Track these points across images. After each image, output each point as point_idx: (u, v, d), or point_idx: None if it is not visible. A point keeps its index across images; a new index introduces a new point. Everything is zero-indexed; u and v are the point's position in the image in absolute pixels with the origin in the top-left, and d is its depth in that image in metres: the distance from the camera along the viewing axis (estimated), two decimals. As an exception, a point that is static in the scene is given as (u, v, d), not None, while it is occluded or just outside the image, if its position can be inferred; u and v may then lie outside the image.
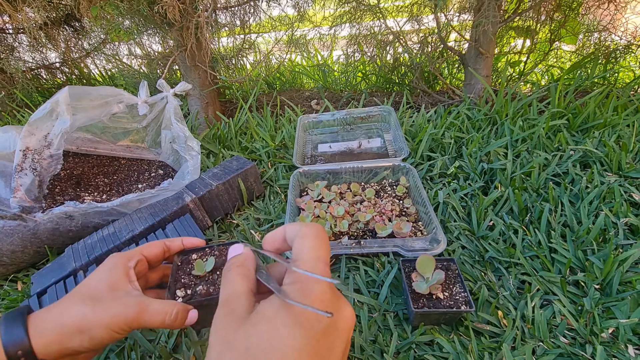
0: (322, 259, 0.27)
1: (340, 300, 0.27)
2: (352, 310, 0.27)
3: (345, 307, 0.26)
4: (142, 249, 0.40)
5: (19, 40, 1.40)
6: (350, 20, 1.23)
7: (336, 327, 0.25)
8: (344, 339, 0.25)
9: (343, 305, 0.26)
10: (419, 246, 0.62)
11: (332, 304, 0.25)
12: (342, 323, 0.25)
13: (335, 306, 0.25)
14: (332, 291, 0.26)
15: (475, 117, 1.02)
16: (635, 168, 0.76)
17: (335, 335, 0.24)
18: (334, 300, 0.26)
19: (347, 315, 0.26)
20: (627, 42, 1.15)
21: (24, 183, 0.74)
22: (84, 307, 0.33)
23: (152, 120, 0.95)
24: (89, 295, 0.34)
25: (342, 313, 0.26)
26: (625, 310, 0.51)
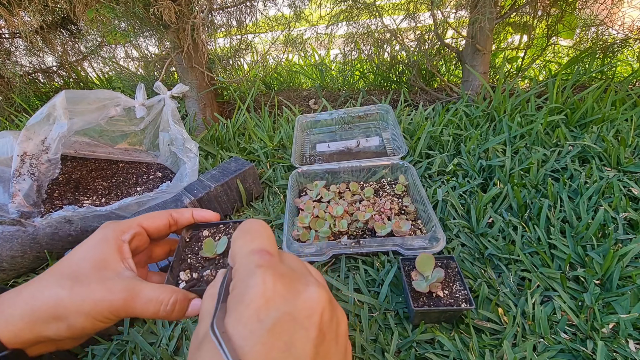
0: (255, 250, 0.23)
1: (297, 283, 0.22)
2: (317, 290, 0.21)
3: (305, 289, 0.21)
4: (141, 219, 0.33)
5: (16, 45, 1.40)
6: (347, 19, 1.23)
7: (293, 317, 0.20)
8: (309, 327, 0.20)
9: (302, 287, 0.21)
10: (419, 244, 0.62)
11: (280, 292, 0.20)
12: (302, 310, 0.20)
13: (288, 292, 0.21)
14: (279, 277, 0.21)
15: (473, 114, 1.02)
16: (634, 162, 0.76)
17: (293, 327, 0.20)
18: (286, 285, 0.21)
19: (307, 298, 0.21)
20: (624, 35, 1.14)
21: (22, 188, 0.74)
22: (60, 290, 0.27)
23: (150, 123, 0.95)
24: (68, 274, 0.28)
25: (302, 297, 0.21)
26: (626, 305, 0.51)
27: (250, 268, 0.22)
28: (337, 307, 0.23)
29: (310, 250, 0.64)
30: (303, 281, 0.22)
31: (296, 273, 0.23)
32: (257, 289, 0.20)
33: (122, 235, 0.31)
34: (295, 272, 0.23)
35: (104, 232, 0.31)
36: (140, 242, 0.33)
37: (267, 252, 0.23)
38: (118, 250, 0.30)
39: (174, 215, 0.35)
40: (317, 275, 0.27)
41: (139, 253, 0.35)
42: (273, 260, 0.23)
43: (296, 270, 0.23)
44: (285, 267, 0.23)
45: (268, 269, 0.21)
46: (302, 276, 0.23)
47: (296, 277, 0.22)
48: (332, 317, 0.22)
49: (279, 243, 0.72)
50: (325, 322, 0.21)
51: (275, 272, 0.21)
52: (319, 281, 0.23)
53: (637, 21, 1.13)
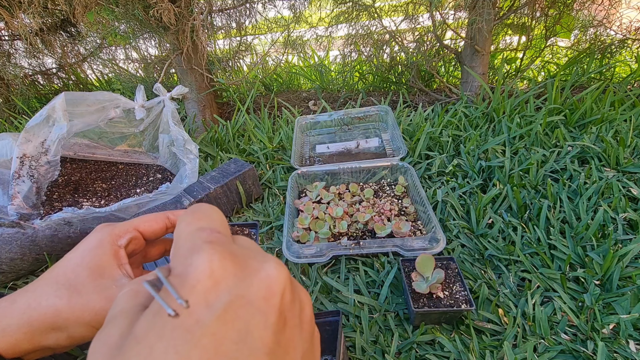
0: (203, 228, 0.20)
1: (252, 260, 0.18)
2: (275, 267, 0.18)
3: (262, 267, 0.18)
4: (137, 223, 0.32)
5: (15, 47, 1.40)
6: (347, 20, 1.23)
7: (248, 300, 0.16)
8: (268, 310, 0.17)
9: (258, 264, 0.18)
10: (419, 245, 0.62)
11: (232, 271, 0.17)
12: (258, 291, 0.17)
13: (242, 270, 0.17)
14: (230, 255, 0.18)
15: (473, 115, 1.02)
16: (633, 163, 0.76)
17: (248, 311, 0.16)
18: (238, 263, 0.18)
19: (265, 277, 0.17)
20: (622, 36, 1.15)
21: (21, 190, 0.73)
22: (58, 300, 0.26)
23: (150, 125, 0.95)
24: (64, 283, 0.27)
25: (258, 275, 0.17)
26: (626, 306, 0.51)
27: (195, 244, 0.18)
28: (299, 287, 0.20)
29: (310, 252, 0.64)
30: (259, 258, 0.19)
31: (250, 252, 0.19)
32: (203, 267, 0.16)
33: (118, 239, 0.30)
34: (249, 251, 0.20)
35: (99, 237, 0.30)
36: (137, 245, 0.33)
37: (217, 230, 0.20)
38: (114, 255, 0.29)
39: (170, 217, 0.34)
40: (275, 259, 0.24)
41: (136, 255, 0.34)
42: (223, 237, 0.19)
43: (250, 250, 0.20)
44: (237, 247, 0.19)
45: (217, 245, 0.18)
46: (257, 255, 0.19)
47: (251, 254, 0.19)
48: (294, 299, 0.19)
49: (278, 244, 0.72)
50: (287, 305, 0.18)
51: (225, 249, 0.18)
52: (276, 259, 0.20)
53: (635, 22, 1.13)
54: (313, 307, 0.22)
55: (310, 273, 0.64)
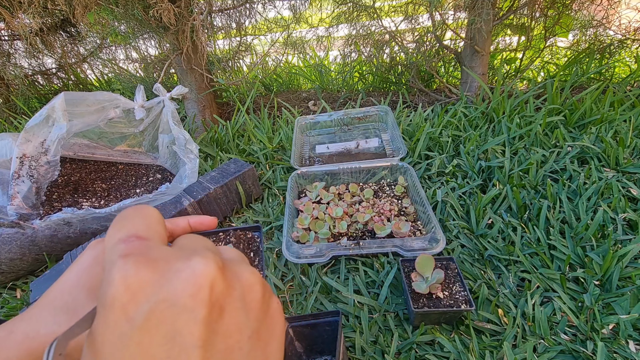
0: (122, 239, 0.19)
1: (176, 262, 0.17)
2: (200, 261, 0.17)
3: (185, 266, 0.17)
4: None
5: (15, 47, 1.40)
6: (347, 21, 1.23)
7: (172, 303, 0.16)
8: (195, 306, 0.16)
9: (181, 264, 0.17)
10: (418, 246, 0.62)
11: (149, 279, 0.16)
12: (182, 291, 0.16)
13: (162, 276, 0.17)
14: (148, 263, 0.17)
15: (472, 115, 1.02)
16: (633, 163, 0.76)
17: (173, 313, 0.16)
18: (158, 268, 0.17)
19: (188, 276, 0.17)
20: (621, 36, 1.15)
21: (21, 190, 0.73)
22: (57, 327, 0.25)
23: (149, 125, 0.95)
24: (62, 307, 0.26)
25: (181, 276, 0.17)
26: (626, 306, 0.51)
27: (112, 260, 0.17)
28: (240, 271, 0.19)
29: (310, 252, 0.64)
30: (184, 257, 0.18)
31: (181, 252, 0.18)
32: (118, 283, 0.16)
33: None
34: (182, 251, 0.19)
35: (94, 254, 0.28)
36: None
37: (137, 236, 0.19)
38: None
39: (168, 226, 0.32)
40: (227, 251, 0.22)
41: None
42: (143, 244, 0.18)
43: (184, 249, 0.19)
44: (165, 249, 0.19)
45: (132, 257, 0.17)
46: (186, 251, 0.18)
47: (176, 255, 0.18)
48: (231, 285, 0.18)
49: (278, 244, 0.72)
50: (219, 294, 0.17)
51: (142, 258, 0.17)
52: (206, 251, 0.18)
53: (634, 22, 1.13)
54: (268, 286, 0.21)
55: (310, 273, 0.64)
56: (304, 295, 0.62)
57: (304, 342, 0.49)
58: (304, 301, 0.60)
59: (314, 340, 0.48)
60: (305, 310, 0.59)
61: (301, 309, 0.60)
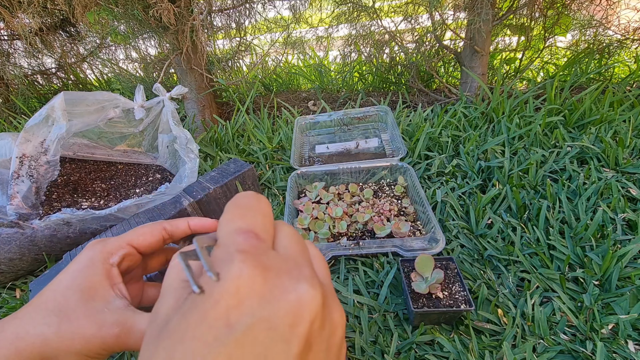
0: (241, 230, 0.19)
1: (285, 278, 0.17)
2: (308, 290, 0.17)
3: (293, 289, 0.17)
4: (130, 237, 0.30)
5: (15, 47, 1.40)
6: (347, 21, 1.23)
7: (271, 326, 0.16)
8: (292, 339, 0.16)
9: (289, 285, 0.17)
10: (418, 246, 0.62)
11: (259, 290, 0.16)
12: (284, 317, 0.16)
13: (270, 290, 0.16)
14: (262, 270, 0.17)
15: (472, 115, 1.02)
16: (632, 163, 0.76)
17: (270, 337, 0.15)
18: (268, 280, 0.17)
19: (293, 302, 0.16)
20: (621, 36, 1.15)
21: (20, 190, 0.73)
22: (46, 328, 0.25)
23: (149, 125, 0.95)
24: (53, 309, 0.26)
25: (287, 298, 0.16)
26: (625, 306, 0.51)
27: (229, 252, 0.17)
28: (333, 309, 0.19)
29: (310, 252, 0.64)
30: (294, 276, 0.17)
31: (288, 264, 0.18)
32: (230, 282, 0.16)
33: (110, 257, 0.28)
34: (288, 262, 0.18)
35: (90, 255, 0.28)
36: (132, 262, 0.30)
37: (255, 234, 0.19)
38: (106, 275, 0.27)
39: (167, 229, 0.32)
40: (319, 266, 0.22)
41: (129, 273, 0.31)
42: (260, 246, 0.18)
43: (289, 260, 0.19)
44: (274, 256, 0.18)
45: (249, 257, 0.17)
46: (294, 269, 0.18)
47: (285, 269, 0.18)
48: (325, 324, 0.18)
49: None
50: (315, 332, 0.17)
51: (258, 263, 0.17)
52: (314, 277, 0.18)
53: (633, 22, 1.13)
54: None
55: (309, 273, 0.64)
56: (304, 295, 0.61)
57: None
58: (303, 301, 0.60)
59: (314, 340, 0.48)
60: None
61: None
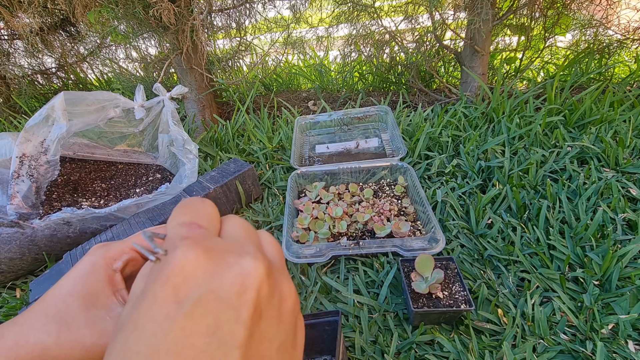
0: (184, 222, 0.20)
1: (229, 255, 0.18)
2: (252, 261, 0.18)
3: (237, 262, 0.18)
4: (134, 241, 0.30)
5: (15, 46, 1.40)
6: (347, 21, 1.23)
7: (219, 296, 0.16)
8: (240, 305, 0.16)
9: (233, 259, 0.18)
10: (418, 246, 0.62)
11: (204, 267, 0.17)
12: (231, 287, 0.17)
13: (215, 266, 0.17)
14: (205, 250, 0.18)
15: (472, 115, 1.02)
16: (633, 163, 0.76)
17: (219, 307, 0.16)
18: (212, 258, 0.17)
19: (238, 272, 0.17)
20: (621, 36, 1.15)
21: (20, 190, 0.73)
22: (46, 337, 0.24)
23: (149, 124, 0.95)
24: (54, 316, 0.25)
25: (232, 270, 0.17)
26: (625, 306, 0.51)
27: (173, 240, 0.18)
28: (281, 280, 0.20)
29: (310, 252, 0.64)
30: (237, 252, 0.18)
31: (231, 245, 0.19)
32: (175, 263, 0.17)
33: (112, 263, 0.28)
34: (231, 243, 0.19)
35: (93, 261, 0.28)
36: (135, 267, 0.30)
37: (198, 225, 0.20)
38: (109, 282, 0.27)
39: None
40: (269, 247, 0.22)
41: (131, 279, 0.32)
42: (203, 232, 0.19)
43: (233, 242, 0.20)
44: (218, 240, 0.19)
45: (192, 241, 0.18)
46: (238, 247, 0.19)
47: (229, 249, 0.19)
48: (273, 292, 0.19)
49: (278, 244, 0.72)
50: (263, 299, 0.18)
51: (200, 245, 0.18)
52: (257, 252, 0.19)
53: (634, 22, 1.13)
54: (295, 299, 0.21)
55: (309, 273, 0.64)
56: (304, 295, 0.62)
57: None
58: (303, 301, 0.60)
59: (314, 340, 0.48)
60: (304, 310, 0.59)
61: (301, 308, 0.60)
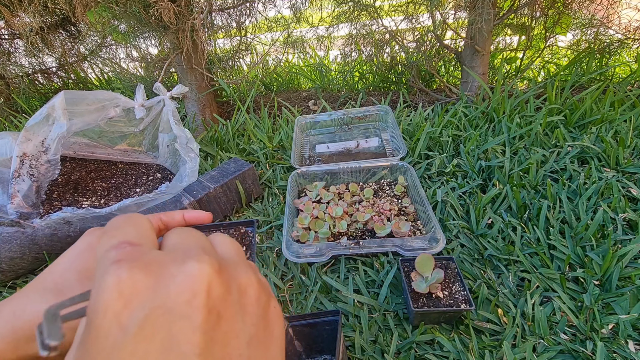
0: (113, 246, 0.18)
1: (170, 265, 0.17)
2: (196, 264, 0.17)
3: (180, 270, 0.17)
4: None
5: (15, 46, 1.40)
6: (348, 20, 1.23)
7: (167, 309, 0.15)
8: (192, 312, 0.16)
9: (176, 268, 0.17)
10: (418, 245, 0.62)
11: (144, 284, 0.16)
12: (178, 296, 0.16)
13: (157, 280, 0.16)
14: (142, 267, 0.16)
15: (473, 115, 1.02)
16: (633, 163, 0.76)
17: (169, 319, 0.15)
18: (152, 273, 0.16)
19: (183, 280, 0.16)
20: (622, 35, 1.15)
21: (21, 189, 0.73)
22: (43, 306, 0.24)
23: (149, 124, 0.95)
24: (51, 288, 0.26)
25: (176, 280, 0.16)
26: (625, 306, 0.51)
27: (104, 267, 0.17)
28: (237, 273, 0.19)
29: (310, 251, 0.64)
30: (179, 260, 0.17)
31: (173, 255, 0.18)
32: (110, 290, 0.16)
33: None
34: (174, 253, 0.18)
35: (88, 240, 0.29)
36: None
37: (128, 242, 0.18)
38: None
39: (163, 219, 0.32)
40: (223, 247, 0.21)
41: None
42: (136, 250, 0.18)
43: (176, 251, 0.18)
44: (157, 254, 0.18)
45: (125, 262, 0.16)
46: (180, 255, 0.18)
47: (170, 259, 0.17)
48: (229, 288, 0.18)
49: (278, 244, 0.72)
50: (217, 299, 0.17)
51: (135, 263, 0.17)
52: (201, 254, 0.18)
53: (635, 22, 1.13)
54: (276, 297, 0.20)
55: (309, 273, 0.64)
56: (304, 294, 0.62)
57: (303, 342, 0.49)
58: (303, 300, 0.61)
59: (314, 340, 0.48)
60: (305, 309, 0.59)
61: (301, 308, 0.60)
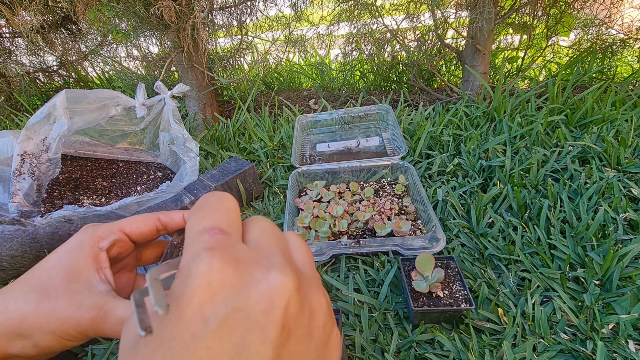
0: (205, 229, 0.19)
1: (256, 267, 0.17)
2: (279, 276, 0.17)
3: (264, 277, 0.17)
4: (123, 224, 0.30)
5: (16, 44, 1.40)
6: (348, 19, 1.23)
7: (246, 314, 0.16)
8: (267, 325, 0.16)
9: (260, 273, 0.17)
10: (419, 245, 0.62)
11: (230, 281, 0.16)
12: (258, 304, 0.16)
13: (241, 280, 0.16)
14: (231, 262, 0.17)
15: (474, 114, 1.02)
16: (634, 163, 0.76)
17: (245, 325, 0.16)
18: (239, 271, 0.17)
19: (265, 288, 0.16)
20: (624, 35, 1.14)
21: (22, 187, 0.74)
22: (25, 304, 0.25)
23: (150, 123, 0.95)
24: (36, 286, 0.25)
25: (259, 286, 0.16)
26: (626, 306, 0.51)
27: (196, 251, 0.17)
28: (311, 292, 0.19)
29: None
30: (264, 264, 0.17)
31: (258, 255, 0.18)
32: (200, 278, 0.16)
33: (100, 241, 0.28)
34: (257, 253, 0.18)
35: (80, 238, 0.28)
36: (122, 248, 0.30)
37: (220, 230, 0.19)
38: (94, 259, 0.27)
39: (162, 219, 0.31)
40: (299, 255, 0.21)
41: (120, 261, 0.31)
42: (227, 240, 0.18)
43: (259, 251, 0.19)
44: (243, 248, 0.18)
45: (217, 252, 0.17)
46: (264, 258, 0.18)
47: (255, 260, 0.18)
48: (302, 308, 0.18)
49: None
50: (292, 317, 0.17)
51: (226, 256, 0.17)
52: (285, 264, 0.18)
53: (637, 21, 1.13)
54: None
55: (310, 272, 0.64)
56: (304, 293, 0.62)
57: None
58: (304, 299, 0.61)
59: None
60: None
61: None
